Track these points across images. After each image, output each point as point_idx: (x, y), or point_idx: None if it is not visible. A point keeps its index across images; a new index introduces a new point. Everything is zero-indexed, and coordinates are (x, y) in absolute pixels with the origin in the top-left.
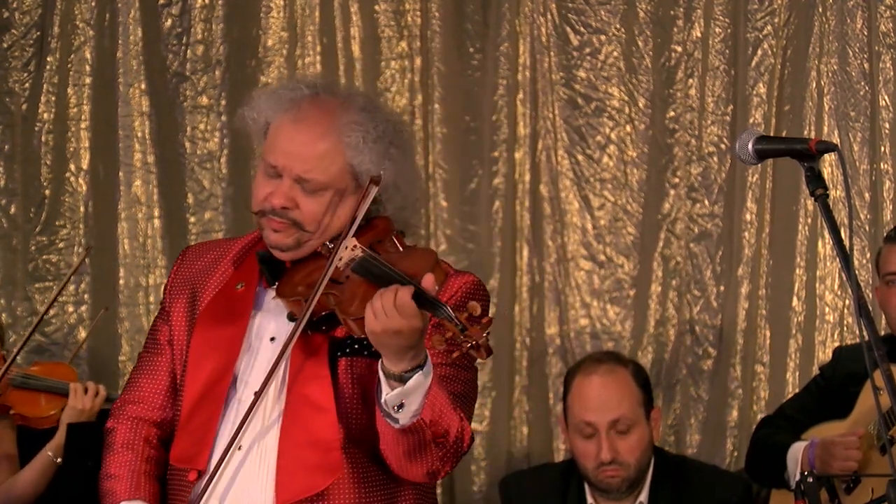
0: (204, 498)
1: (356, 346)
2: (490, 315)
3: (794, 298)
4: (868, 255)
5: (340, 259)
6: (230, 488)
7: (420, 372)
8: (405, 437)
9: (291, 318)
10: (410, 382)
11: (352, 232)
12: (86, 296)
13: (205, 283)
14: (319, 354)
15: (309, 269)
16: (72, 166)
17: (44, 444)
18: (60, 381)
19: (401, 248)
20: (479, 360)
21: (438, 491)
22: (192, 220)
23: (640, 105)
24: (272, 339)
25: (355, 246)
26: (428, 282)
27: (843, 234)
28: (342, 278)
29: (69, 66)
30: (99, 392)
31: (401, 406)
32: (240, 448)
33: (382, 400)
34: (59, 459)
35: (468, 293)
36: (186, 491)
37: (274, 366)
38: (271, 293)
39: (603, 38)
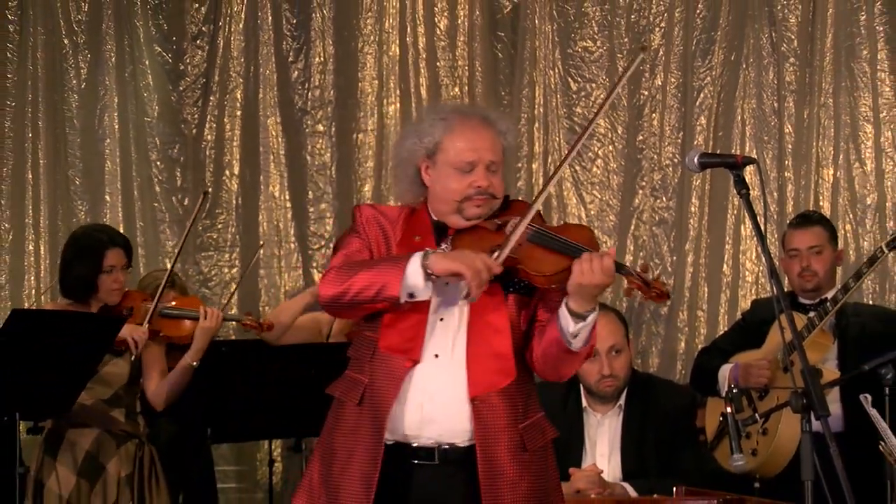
0: (418, 383)
1: (513, 287)
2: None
3: (725, 265)
4: (776, 236)
5: (514, 231)
6: (434, 381)
7: (595, 312)
8: (571, 356)
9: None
10: (590, 318)
11: (532, 211)
12: (237, 261)
13: (391, 229)
14: (496, 292)
15: (474, 237)
16: (227, 172)
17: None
18: (192, 309)
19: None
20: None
21: None
22: (311, 209)
23: (619, 132)
24: (446, 283)
25: (525, 222)
26: (612, 251)
27: (760, 220)
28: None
29: (225, 103)
30: (218, 315)
31: (575, 335)
32: (436, 356)
33: (569, 331)
34: (195, 363)
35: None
36: (400, 372)
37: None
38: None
39: (593, 85)
